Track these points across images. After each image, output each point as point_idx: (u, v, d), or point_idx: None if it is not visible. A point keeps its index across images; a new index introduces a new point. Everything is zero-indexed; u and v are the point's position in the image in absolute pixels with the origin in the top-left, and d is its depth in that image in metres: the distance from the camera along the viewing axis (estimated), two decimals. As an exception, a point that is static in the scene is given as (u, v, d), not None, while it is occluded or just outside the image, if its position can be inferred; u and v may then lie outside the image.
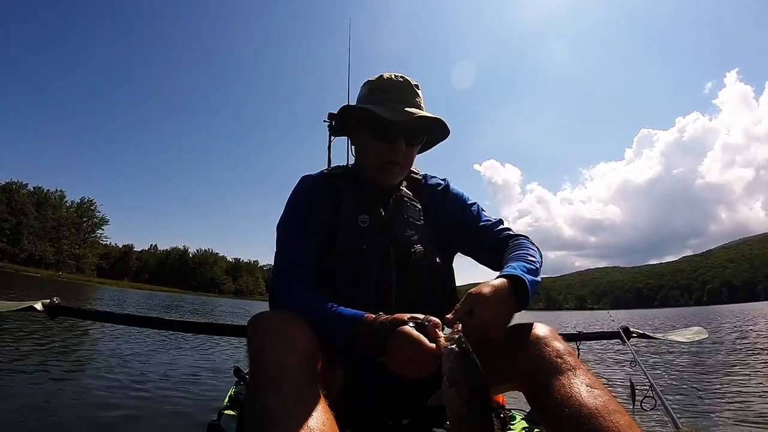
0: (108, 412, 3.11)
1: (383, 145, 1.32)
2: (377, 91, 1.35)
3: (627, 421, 0.88)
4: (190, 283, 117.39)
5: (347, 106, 1.39)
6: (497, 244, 1.37)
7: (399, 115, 1.27)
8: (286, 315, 1.07)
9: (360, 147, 1.42)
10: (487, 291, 1.07)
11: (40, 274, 64.91)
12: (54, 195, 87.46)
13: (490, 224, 1.43)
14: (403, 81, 1.35)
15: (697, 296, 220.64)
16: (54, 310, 1.76)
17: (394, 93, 1.33)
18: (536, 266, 1.22)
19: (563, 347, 1.06)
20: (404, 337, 0.97)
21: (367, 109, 1.30)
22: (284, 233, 1.34)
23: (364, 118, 1.34)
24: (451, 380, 0.84)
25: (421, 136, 1.38)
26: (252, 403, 0.89)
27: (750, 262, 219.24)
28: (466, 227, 1.43)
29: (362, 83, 1.44)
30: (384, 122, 1.29)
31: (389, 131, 1.30)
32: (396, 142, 1.31)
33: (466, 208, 1.46)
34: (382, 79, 1.36)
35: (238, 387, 1.75)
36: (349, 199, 1.36)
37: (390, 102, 1.31)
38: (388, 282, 1.28)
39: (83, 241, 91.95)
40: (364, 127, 1.35)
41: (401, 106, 1.30)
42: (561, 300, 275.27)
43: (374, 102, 1.32)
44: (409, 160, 1.39)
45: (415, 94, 1.36)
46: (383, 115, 1.27)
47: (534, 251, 1.29)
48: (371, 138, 1.33)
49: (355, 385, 1.19)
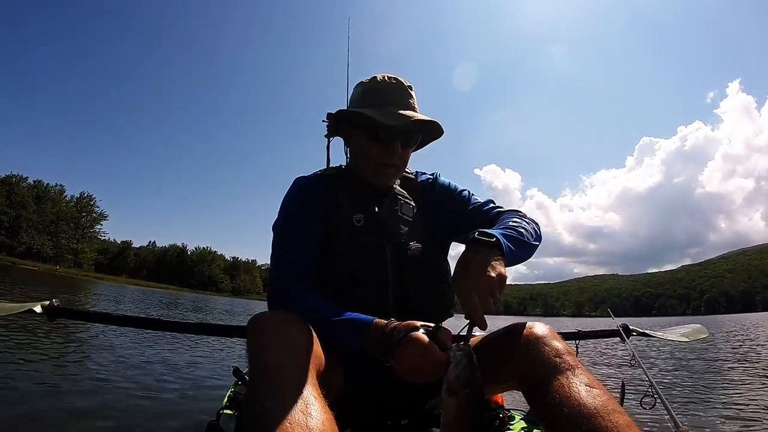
0: (107, 412, 3.10)
1: (379, 148, 1.32)
2: (371, 93, 1.35)
3: (626, 421, 0.88)
4: (187, 281, 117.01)
5: (342, 111, 1.39)
6: (487, 224, 1.31)
7: (396, 120, 1.27)
8: (285, 315, 1.07)
9: (355, 149, 1.42)
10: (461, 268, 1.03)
11: (38, 267, 64.96)
12: (54, 189, 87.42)
13: (479, 204, 1.44)
14: (397, 83, 1.35)
15: (695, 306, 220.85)
16: (53, 312, 1.74)
17: (388, 95, 1.33)
18: (517, 230, 1.21)
19: (562, 346, 1.06)
20: (416, 344, 0.97)
21: (362, 113, 1.30)
22: (280, 234, 1.35)
23: (359, 121, 1.33)
24: (452, 389, 0.84)
25: (416, 137, 1.38)
26: (251, 403, 0.89)
27: (748, 272, 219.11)
28: (457, 215, 1.43)
29: (355, 85, 1.44)
30: (380, 125, 1.28)
31: (385, 134, 1.30)
32: (392, 145, 1.31)
33: (456, 196, 1.47)
34: (376, 81, 1.36)
35: (237, 387, 1.75)
36: (343, 199, 1.37)
37: (384, 104, 1.30)
38: (385, 280, 1.29)
39: (81, 236, 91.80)
40: (359, 129, 1.35)
41: (396, 108, 1.30)
42: (558, 306, 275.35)
43: (368, 104, 1.32)
44: (405, 161, 1.39)
45: (408, 96, 1.35)
46: (379, 119, 1.26)
47: (518, 219, 1.27)
48: (367, 141, 1.33)
49: (354, 385, 1.19)
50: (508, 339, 1.12)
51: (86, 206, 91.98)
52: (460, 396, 0.83)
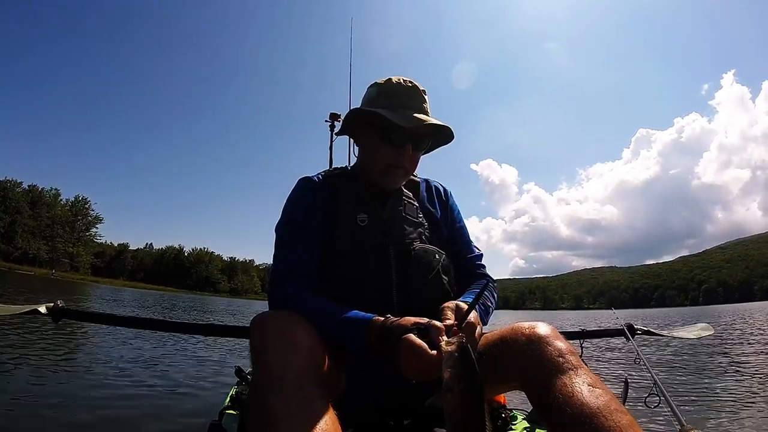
0: (110, 412, 3.12)
1: (390, 149, 1.33)
2: (385, 95, 1.35)
3: (629, 421, 0.89)
4: (185, 282, 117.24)
5: (356, 109, 1.38)
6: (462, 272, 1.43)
7: (410, 121, 1.28)
8: (288, 315, 1.08)
9: (365, 149, 1.42)
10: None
11: (34, 272, 64.85)
12: (49, 193, 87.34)
13: (469, 251, 1.50)
14: (412, 86, 1.36)
15: (693, 296, 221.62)
16: (58, 313, 1.75)
17: (403, 98, 1.33)
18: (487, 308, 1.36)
19: (565, 346, 1.07)
20: (408, 347, 0.98)
21: (377, 113, 1.29)
22: (283, 234, 1.35)
23: (372, 121, 1.34)
24: (447, 385, 0.85)
25: (427, 140, 1.39)
26: (254, 403, 0.90)
27: (746, 262, 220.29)
28: (452, 242, 1.48)
29: (369, 85, 1.43)
30: (392, 126, 1.29)
31: (397, 136, 1.31)
32: (403, 147, 1.32)
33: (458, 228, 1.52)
34: (391, 83, 1.36)
35: (240, 387, 1.77)
36: (347, 199, 1.37)
37: (398, 107, 1.31)
38: (389, 280, 1.28)
39: (77, 240, 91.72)
40: (371, 129, 1.36)
41: (410, 111, 1.31)
42: (557, 299, 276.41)
43: (382, 105, 1.32)
44: (414, 164, 1.40)
45: (422, 100, 1.36)
46: (394, 120, 1.27)
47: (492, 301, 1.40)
48: (378, 141, 1.34)
49: (357, 386, 1.19)
50: (510, 339, 1.12)
51: (81, 210, 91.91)
52: (456, 392, 0.84)
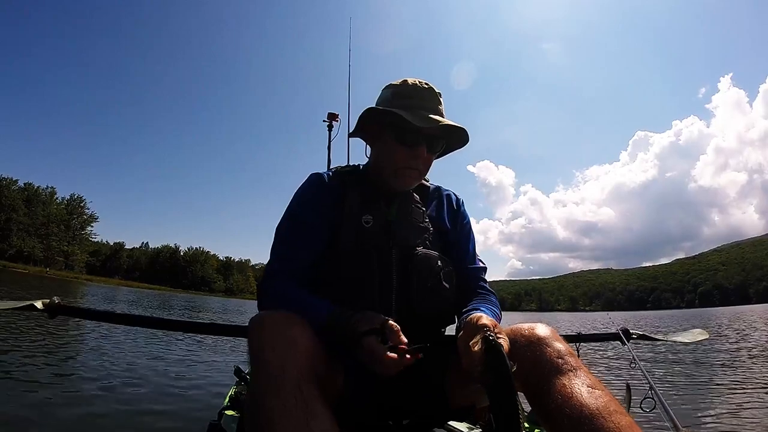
0: (108, 412, 3.11)
1: (404, 150, 1.32)
2: (401, 96, 1.33)
3: (628, 422, 0.89)
4: (180, 282, 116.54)
5: (372, 108, 1.36)
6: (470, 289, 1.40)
7: (426, 122, 1.26)
8: (287, 315, 1.06)
9: (379, 149, 1.40)
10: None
11: (28, 270, 64.39)
12: (44, 192, 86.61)
13: (477, 268, 1.46)
14: (428, 88, 1.35)
15: (689, 299, 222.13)
16: (54, 309, 1.73)
17: (419, 99, 1.32)
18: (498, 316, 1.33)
19: (564, 348, 1.06)
20: (366, 352, 1.03)
21: (393, 113, 1.28)
22: (283, 229, 1.35)
23: (387, 121, 1.32)
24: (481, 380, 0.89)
25: (441, 143, 1.37)
26: (253, 403, 0.90)
27: (742, 265, 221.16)
28: (456, 251, 1.45)
29: (384, 86, 1.41)
30: (408, 127, 1.28)
31: (412, 137, 1.30)
32: (418, 148, 1.31)
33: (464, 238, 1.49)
34: (407, 85, 1.35)
35: (239, 387, 1.73)
36: (354, 199, 1.36)
37: (414, 108, 1.30)
38: (390, 283, 1.28)
39: (72, 238, 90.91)
40: (386, 129, 1.34)
41: (425, 113, 1.29)
42: (553, 301, 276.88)
43: (398, 107, 1.30)
44: (427, 166, 1.38)
45: (438, 102, 1.35)
46: (411, 120, 1.25)
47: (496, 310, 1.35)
48: (392, 142, 1.33)
49: (355, 386, 1.20)
50: (509, 340, 1.10)
51: (76, 208, 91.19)
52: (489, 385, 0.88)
